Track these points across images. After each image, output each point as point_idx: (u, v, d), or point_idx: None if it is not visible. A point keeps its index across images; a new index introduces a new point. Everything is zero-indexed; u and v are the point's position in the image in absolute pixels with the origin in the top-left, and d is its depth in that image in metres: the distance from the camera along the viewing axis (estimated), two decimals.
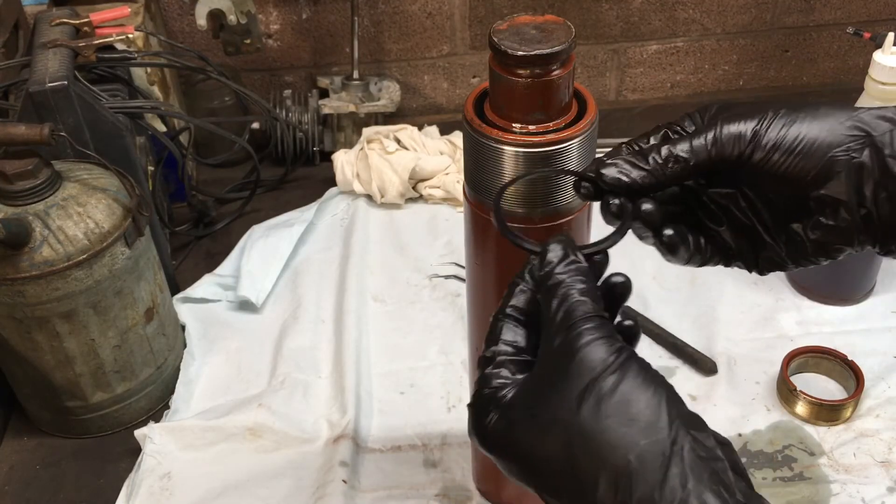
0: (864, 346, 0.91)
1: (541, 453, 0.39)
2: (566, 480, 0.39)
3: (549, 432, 0.39)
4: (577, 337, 0.40)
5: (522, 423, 0.40)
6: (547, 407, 0.39)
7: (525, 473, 0.40)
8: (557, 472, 0.39)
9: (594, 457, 0.38)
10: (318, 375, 0.91)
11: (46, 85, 0.83)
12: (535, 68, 0.53)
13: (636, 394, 0.38)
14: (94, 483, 0.84)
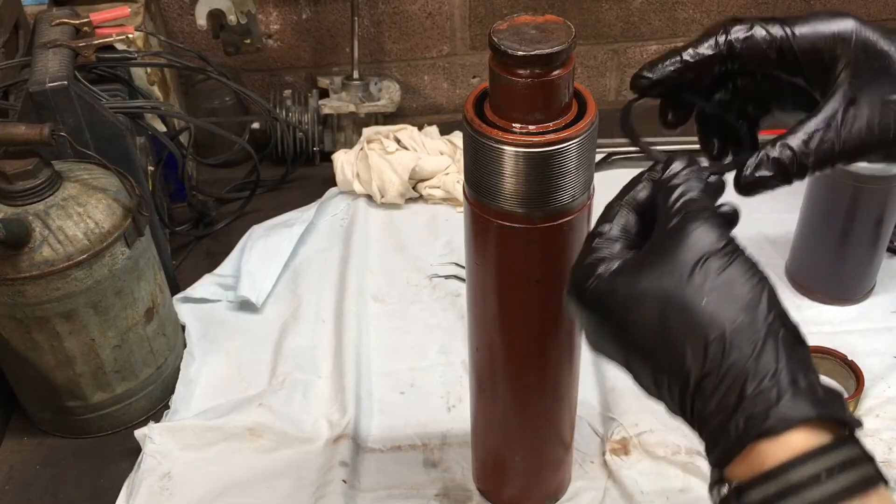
0: (863, 345, 0.91)
1: (637, 315, 0.42)
2: (657, 342, 0.41)
3: (651, 297, 0.42)
4: (692, 218, 0.43)
5: (626, 287, 0.43)
6: (653, 275, 0.42)
7: (615, 333, 0.43)
8: (650, 334, 0.41)
9: (691, 323, 0.40)
10: (318, 375, 0.91)
11: (46, 85, 0.83)
12: (535, 68, 0.54)
13: (742, 279, 0.41)
14: (95, 483, 0.84)
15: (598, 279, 0.44)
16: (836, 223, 0.91)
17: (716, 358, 0.40)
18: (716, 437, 0.40)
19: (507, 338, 0.66)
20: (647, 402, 0.86)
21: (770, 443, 0.38)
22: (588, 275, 0.45)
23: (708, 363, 0.40)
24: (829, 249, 0.94)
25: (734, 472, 0.39)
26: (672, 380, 0.41)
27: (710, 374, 0.40)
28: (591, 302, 0.44)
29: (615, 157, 1.19)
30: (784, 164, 0.46)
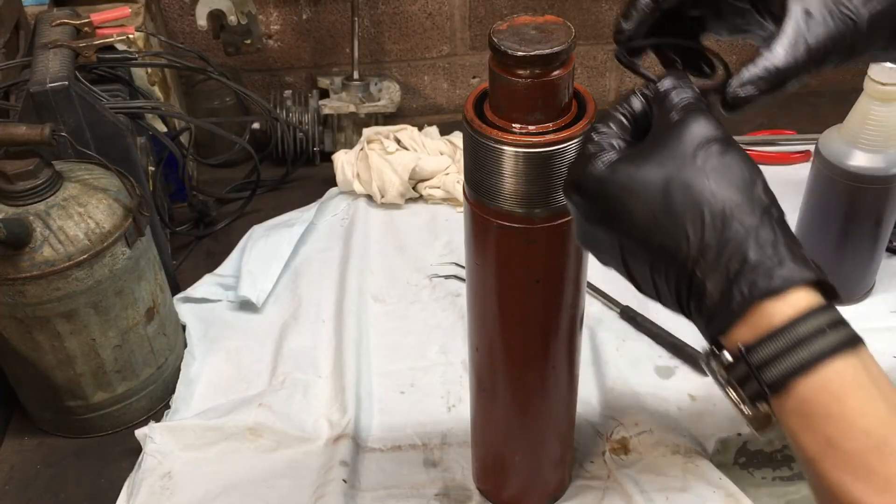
0: None
1: (639, 198, 0.44)
2: (659, 221, 0.43)
3: (653, 179, 0.44)
4: (693, 111, 0.45)
5: (628, 172, 0.45)
6: (655, 160, 0.44)
7: (614, 219, 0.45)
8: (652, 215, 0.44)
9: (695, 199, 0.43)
10: (318, 375, 0.91)
11: (47, 85, 0.83)
12: (535, 69, 0.54)
13: (739, 164, 0.44)
14: (95, 482, 0.84)
15: (599, 167, 0.46)
16: (835, 223, 0.91)
17: (718, 229, 0.42)
18: (717, 307, 0.42)
19: (507, 338, 0.66)
20: (647, 401, 0.87)
21: (775, 302, 0.41)
22: (588, 163, 0.47)
23: (711, 234, 0.42)
24: (828, 249, 0.94)
25: (736, 337, 0.41)
26: (670, 259, 0.43)
27: (710, 245, 0.42)
28: (593, 188, 0.46)
29: None
30: (765, 80, 0.49)
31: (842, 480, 0.39)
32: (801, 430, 0.40)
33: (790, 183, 1.11)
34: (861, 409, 0.40)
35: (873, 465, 0.39)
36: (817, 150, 0.90)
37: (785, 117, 1.30)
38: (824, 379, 0.40)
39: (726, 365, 0.42)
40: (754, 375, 0.41)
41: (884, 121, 0.84)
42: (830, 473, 0.40)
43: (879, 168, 0.86)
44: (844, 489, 0.39)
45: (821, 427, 0.40)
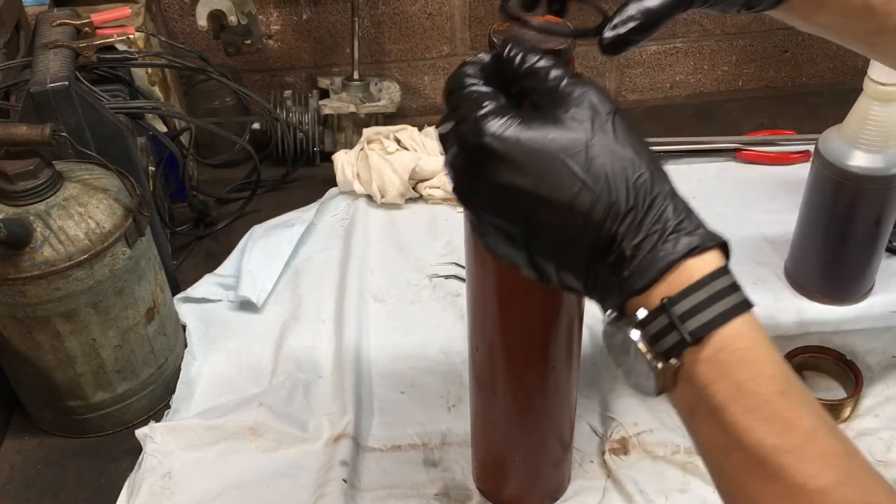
0: (862, 345, 0.91)
1: (555, 160, 0.44)
2: (577, 183, 0.44)
3: (571, 143, 0.44)
4: (588, 83, 0.46)
5: (543, 136, 0.44)
6: (566, 125, 0.45)
7: (527, 187, 0.44)
8: (571, 177, 0.44)
9: (616, 164, 0.44)
10: (318, 375, 0.91)
11: (47, 85, 0.83)
12: None
13: (638, 135, 0.46)
14: (96, 482, 0.84)
15: (507, 126, 0.45)
16: (834, 223, 0.91)
17: (642, 193, 0.44)
18: (637, 268, 0.43)
19: (507, 338, 0.66)
20: (646, 401, 0.87)
21: (695, 260, 0.43)
22: (495, 118, 0.45)
23: (634, 198, 0.44)
24: (827, 249, 0.94)
25: (655, 294, 0.43)
26: (586, 223, 0.44)
27: (635, 208, 0.44)
28: (505, 146, 0.45)
29: None
30: (640, 21, 0.51)
31: (748, 424, 0.41)
32: (714, 378, 0.42)
33: (790, 183, 1.12)
34: (768, 356, 0.43)
35: (778, 408, 0.42)
36: (817, 150, 0.90)
37: (785, 117, 1.30)
38: (740, 328, 0.43)
39: (639, 321, 0.44)
40: (676, 326, 0.42)
41: (884, 121, 0.84)
42: (738, 418, 0.41)
43: (879, 168, 0.86)
44: (750, 432, 0.41)
45: (734, 373, 0.42)
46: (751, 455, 0.41)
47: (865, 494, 0.40)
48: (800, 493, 0.40)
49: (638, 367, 0.45)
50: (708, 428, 0.43)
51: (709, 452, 0.44)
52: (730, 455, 0.42)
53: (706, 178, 1.17)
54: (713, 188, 1.15)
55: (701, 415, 0.44)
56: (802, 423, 0.42)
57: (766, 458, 0.41)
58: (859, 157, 0.86)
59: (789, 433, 0.41)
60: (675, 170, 1.18)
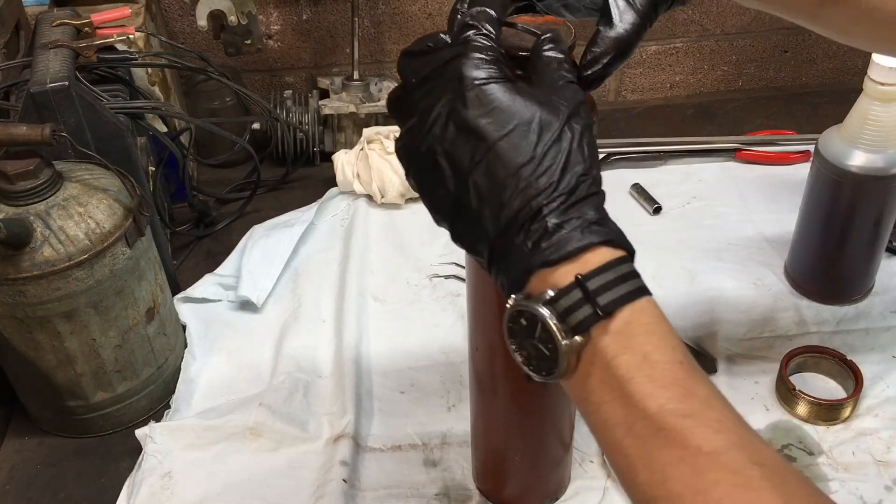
0: (863, 345, 0.91)
1: (526, 122, 0.47)
2: (535, 150, 0.47)
3: (546, 115, 0.47)
4: (580, 93, 0.50)
5: (523, 95, 0.48)
6: (550, 103, 0.48)
7: (495, 122, 0.47)
8: (533, 142, 0.47)
9: (577, 149, 0.47)
10: (318, 375, 0.91)
11: (48, 85, 0.83)
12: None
13: (595, 147, 0.49)
14: (96, 482, 0.84)
15: (500, 77, 0.48)
16: (834, 223, 0.91)
17: (583, 187, 0.47)
18: (554, 245, 0.46)
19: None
20: None
21: (607, 249, 0.46)
22: (487, 65, 0.48)
23: (576, 188, 0.47)
24: (827, 249, 0.94)
25: (566, 270, 0.46)
26: (526, 188, 0.46)
27: (570, 194, 0.47)
28: (489, 93, 0.47)
29: (615, 157, 1.19)
30: (612, 55, 0.54)
31: (652, 391, 0.43)
32: (621, 350, 0.45)
33: (790, 183, 1.12)
34: (668, 330, 0.46)
35: (679, 376, 0.44)
36: (817, 150, 0.90)
37: (785, 117, 1.30)
38: (644, 306, 0.46)
39: (549, 298, 0.45)
40: (591, 299, 0.45)
41: (884, 121, 0.84)
42: (643, 387, 0.44)
43: (879, 168, 0.86)
44: (653, 399, 0.43)
45: (640, 344, 0.45)
46: (653, 422, 0.43)
47: (755, 456, 0.42)
48: (697, 455, 0.42)
49: (541, 350, 0.47)
50: (610, 403, 0.45)
51: (610, 430, 0.45)
52: (633, 427, 0.44)
53: (706, 178, 1.17)
54: (713, 188, 1.15)
55: (603, 390, 0.45)
56: (700, 391, 0.44)
57: (666, 424, 0.43)
58: (859, 157, 0.86)
59: (689, 399, 0.44)
60: (675, 170, 1.19)
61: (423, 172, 0.50)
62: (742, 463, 0.41)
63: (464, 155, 0.48)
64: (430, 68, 0.50)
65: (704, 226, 1.09)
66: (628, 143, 1.20)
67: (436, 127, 0.49)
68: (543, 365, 0.47)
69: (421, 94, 0.50)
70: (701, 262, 1.03)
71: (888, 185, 0.87)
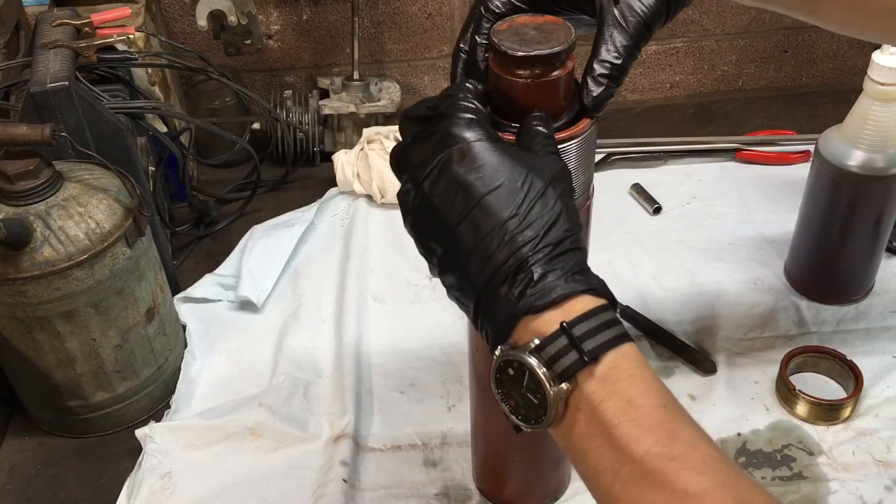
0: (863, 345, 0.91)
1: (513, 178, 0.50)
2: (523, 204, 0.49)
3: (536, 177, 0.50)
4: (561, 162, 0.53)
5: (510, 153, 0.51)
6: (541, 163, 0.51)
7: (483, 178, 0.50)
8: (521, 198, 0.49)
9: (561, 207, 0.50)
10: (318, 375, 0.91)
11: (48, 85, 0.83)
12: (535, 69, 0.54)
13: (574, 210, 0.52)
14: (96, 482, 0.84)
15: (488, 137, 0.51)
16: (834, 223, 0.91)
17: (566, 241, 0.49)
18: (538, 294, 0.48)
19: None
20: None
21: (589, 297, 0.48)
22: (476, 126, 0.51)
23: (558, 242, 0.49)
24: (827, 249, 0.94)
25: (551, 318, 0.47)
26: (512, 240, 0.48)
27: (555, 246, 0.49)
28: (478, 150, 0.50)
29: (615, 157, 1.19)
30: (610, 78, 0.56)
31: (637, 435, 0.45)
32: (607, 395, 0.46)
33: (790, 183, 1.12)
34: (651, 376, 0.47)
35: (663, 420, 0.45)
36: (817, 150, 0.90)
37: (785, 117, 1.30)
38: (628, 350, 0.47)
39: (536, 346, 0.47)
40: (576, 345, 0.46)
41: (883, 121, 0.84)
42: (628, 431, 0.45)
43: (879, 168, 0.86)
44: (638, 443, 0.44)
45: (624, 389, 0.46)
46: (640, 466, 0.44)
47: (741, 495, 0.43)
48: (683, 498, 0.42)
49: (529, 399, 0.48)
50: (598, 449, 0.46)
51: (599, 476, 0.46)
52: (620, 472, 0.45)
53: (706, 178, 1.17)
54: (713, 188, 1.15)
55: (591, 436, 0.46)
56: (684, 433, 0.45)
57: (652, 468, 0.44)
58: (859, 157, 0.86)
59: (674, 441, 0.44)
60: (675, 170, 1.19)
61: (417, 224, 0.54)
62: (727, 503, 0.42)
63: (453, 208, 0.50)
64: (425, 128, 0.52)
65: (704, 226, 1.09)
66: (628, 143, 1.20)
67: (427, 181, 0.51)
68: (531, 413, 0.49)
69: (415, 151, 0.52)
70: (701, 262, 1.03)
71: (888, 185, 0.87)
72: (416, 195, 0.52)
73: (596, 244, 0.65)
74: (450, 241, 0.51)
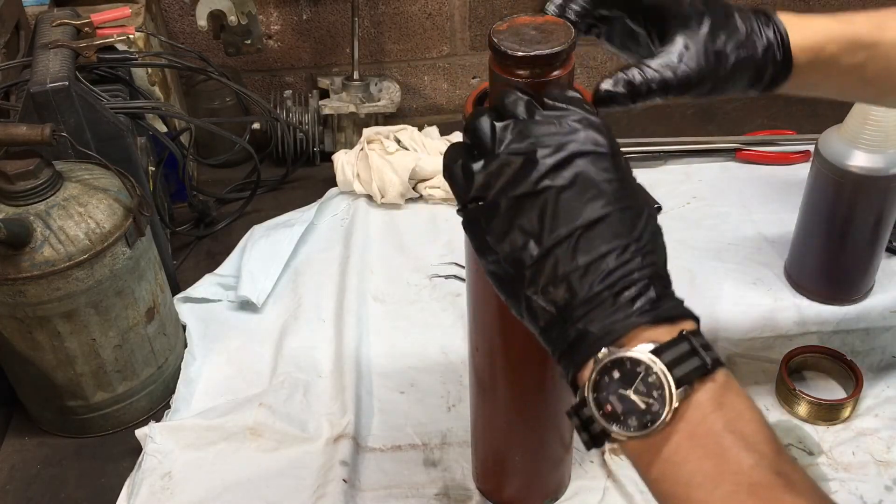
0: (863, 345, 0.91)
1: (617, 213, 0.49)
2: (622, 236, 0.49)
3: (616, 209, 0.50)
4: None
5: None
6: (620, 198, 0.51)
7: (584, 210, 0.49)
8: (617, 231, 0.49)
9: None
10: (318, 375, 0.91)
11: (47, 85, 0.83)
12: (535, 69, 0.54)
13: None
14: (96, 482, 0.84)
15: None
16: (834, 223, 0.91)
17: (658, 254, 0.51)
18: (670, 304, 0.48)
19: (507, 338, 0.66)
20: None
21: (692, 321, 0.49)
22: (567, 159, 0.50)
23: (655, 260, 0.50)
24: (827, 249, 0.94)
25: (664, 330, 0.47)
26: (621, 258, 0.48)
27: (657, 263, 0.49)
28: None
29: None
30: (633, 85, 0.57)
31: (745, 447, 0.44)
32: (717, 407, 0.46)
33: (790, 183, 1.12)
34: (750, 397, 0.47)
35: (769, 436, 0.45)
36: (817, 150, 0.90)
37: (785, 117, 1.30)
38: (729, 372, 0.48)
39: (657, 347, 0.46)
40: (697, 353, 0.46)
41: (883, 121, 0.84)
42: (737, 443, 0.45)
43: (879, 168, 0.86)
44: (747, 455, 0.44)
45: (733, 402, 0.46)
46: (746, 478, 0.43)
47: None
48: None
49: (635, 403, 0.46)
50: (697, 461, 0.45)
51: (691, 491, 0.45)
52: (721, 484, 0.44)
53: (706, 178, 1.17)
54: (713, 188, 1.15)
55: (691, 447, 0.45)
56: (788, 454, 0.46)
57: (759, 480, 0.43)
58: (859, 157, 0.86)
59: (780, 457, 0.45)
60: (675, 170, 1.19)
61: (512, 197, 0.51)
62: None
63: (581, 206, 0.49)
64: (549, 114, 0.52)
65: (704, 226, 1.09)
66: (628, 143, 1.20)
67: (557, 166, 0.50)
68: (637, 419, 0.46)
69: (539, 130, 0.51)
70: (701, 262, 1.03)
71: (888, 185, 0.87)
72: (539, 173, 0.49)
73: None
74: (542, 264, 0.49)
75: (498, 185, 0.49)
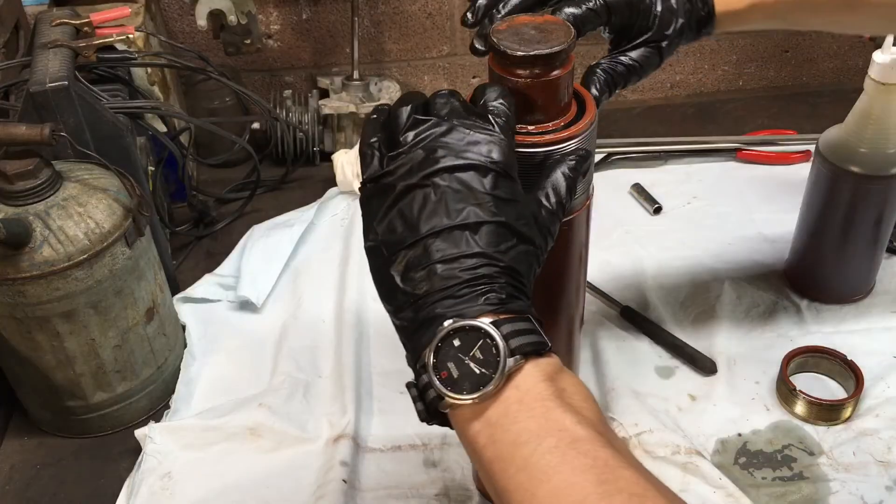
0: (863, 345, 0.91)
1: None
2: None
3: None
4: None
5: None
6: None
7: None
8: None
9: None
10: (318, 375, 0.91)
11: (47, 85, 0.83)
12: (535, 69, 0.54)
13: None
14: (95, 483, 0.84)
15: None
16: (835, 223, 0.91)
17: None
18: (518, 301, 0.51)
19: None
20: (646, 402, 0.87)
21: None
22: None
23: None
24: (828, 249, 0.94)
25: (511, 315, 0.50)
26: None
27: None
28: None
29: (615, 156, 1.19)
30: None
31: (571, 408, 0.47)
32: (546, 377, 0.49)
33: (790, 183, 1.12)
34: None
35: (594, 408, 0.49)
36: (817, 149, 0.90)
37: (785, 117, 1.30)
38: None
39: (494, 321, 0.49)
40: (534, 331, 0.49)
41: (884, 121, 0.84)
42: (562, 404, 0.48)
43: (879, 168, 0.86)
44: (572, 414, 0.47)
45: (564, 378, 0.49)
46: (569, 434, 0.46)
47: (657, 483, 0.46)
48: (603, 467, 0.45)
49: (471, 369, 0.49)
50: (524, 422, 0.47)
51: (515, 450, 0.47)
52: (544, 441, 0.46)
53: (707, 178, 1.17)
54: (713, 188, 1.15)
55: (518, 411, 0.48)
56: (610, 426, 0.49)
57: (581, 435, 0.46)
58: (859, 157, 0.86)
59: (605, 423, 0.49)
60: (675, 170, 1.19)
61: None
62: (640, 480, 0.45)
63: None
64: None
65: (704, 226, 1.09)
66: (628, 143, 1.20)
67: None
68: (470, 384, 0.49)
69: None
70: (701, 261, 1.03)
71: (888, 185, 0.87)
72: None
73: (596, 244, 0.65)
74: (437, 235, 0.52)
75: (397, 173, 0.52)
